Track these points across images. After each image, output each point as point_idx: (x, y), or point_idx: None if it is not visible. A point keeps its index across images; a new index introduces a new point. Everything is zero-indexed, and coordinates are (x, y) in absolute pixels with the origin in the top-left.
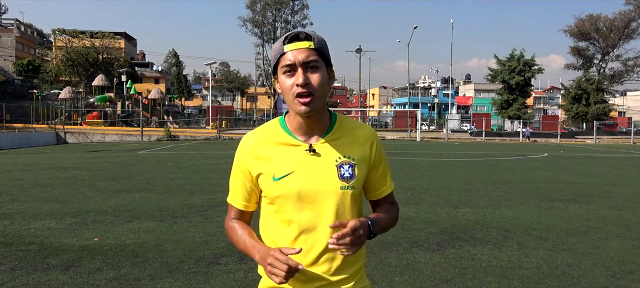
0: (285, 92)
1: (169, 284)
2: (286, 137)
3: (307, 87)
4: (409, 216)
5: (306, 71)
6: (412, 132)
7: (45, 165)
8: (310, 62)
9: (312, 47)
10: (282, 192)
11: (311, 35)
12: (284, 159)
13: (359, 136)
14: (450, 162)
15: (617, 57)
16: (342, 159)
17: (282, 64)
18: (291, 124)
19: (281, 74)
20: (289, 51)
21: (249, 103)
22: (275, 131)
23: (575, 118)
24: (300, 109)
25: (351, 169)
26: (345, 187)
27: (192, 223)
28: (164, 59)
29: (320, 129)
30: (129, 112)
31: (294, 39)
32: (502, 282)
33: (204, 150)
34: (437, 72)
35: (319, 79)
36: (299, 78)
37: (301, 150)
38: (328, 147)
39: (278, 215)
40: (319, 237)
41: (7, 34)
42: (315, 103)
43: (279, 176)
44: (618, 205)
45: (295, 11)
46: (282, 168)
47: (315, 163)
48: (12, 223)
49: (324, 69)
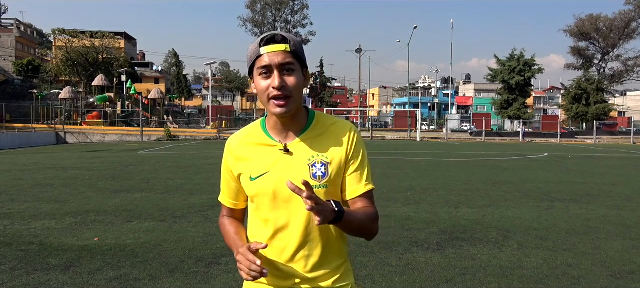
0: (261, 93)
1: (169, 284)
2: (264, 138)
3: (283, 90)
4: (409, 216)
5: (282, 74)
6: (412, 132)
7: (45, 165)
8: (286, 65)
9: (288, 49)
10: (258, 191)
11: (287, 38)
12: (260, 159)
13: (335, 133)
14: (450, 162)
15: (617, 57)
16: (315, 158)
17: (258, 65)
18: (269, 124)
19: (257, 76)
20: (265, 53)
21: (249, 103)
22: (256, 132)
23: (575, 118)
24: (275, 111)
25: (324, 168)
26: (317, 186)
27: (192, 223)
28: (164, 59)
29: (296, 128)
30: (129, 112)
31: (270, 41)
32: (502, 282)
33: (204, 150)
34: (437, 72)
35: (295, 81)
36: (276, 81)
37: (276, 150)
38: (302, 146)
39: (257, 213)
40: (293, 235)
41: (7, 34)
42: (291, 105)
43: (255, 176)
44: (618, 205)
45: (295, 11)
46: (258, 168)
47: (289, 162)
48: (12, 223)
49: (300, 71)
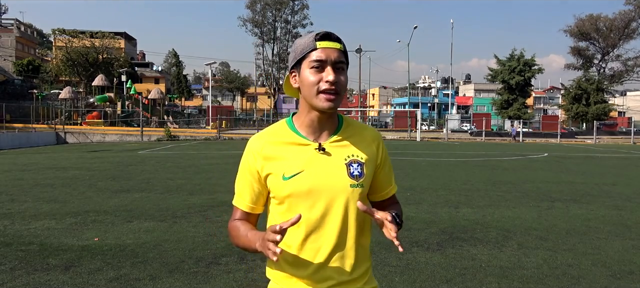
0: (309, 86)
1: (169, 284)
2: (295, 137)
3: (335, 85)
4: (409, 216)
5: (335, 70)
6: (412, 132)
7: (45, 165)
8: (339, 63)
9: (341, 49)
10: (292, 190)
11: (340, 38)
12: (293, 158)
13: (365, 137)
14: (450, 162)
15: (617, 57)
16: (351, 158)
17: (311, 58)
18: (300, 123)
19: (307, 68)
20: (320, 48)
21: (249, 103)
22: (283, 131)
23: (575, 118)
24: (324, 105)
25: (360, 168)
26: (354, 185)
27: (192, 223)
28: (164, 59)
29: (330, 129)
30: (129, 112)
31: (325, 37)
32: (502, 282)
33: (204, 150)
34: (437, 72)
35: (344, 80)
36: (330, 75)
37: (311, 149)
38: (337, 146)
39: (288, 215)
40: (329, 235)
41: (7, 34)
42: (338, 101)
43: (289, 175)
44: (618, 205)
45: (295, 11)
46: (292, 167)
47: (325, 161)
48: (12, 223)
49: (346, 73)
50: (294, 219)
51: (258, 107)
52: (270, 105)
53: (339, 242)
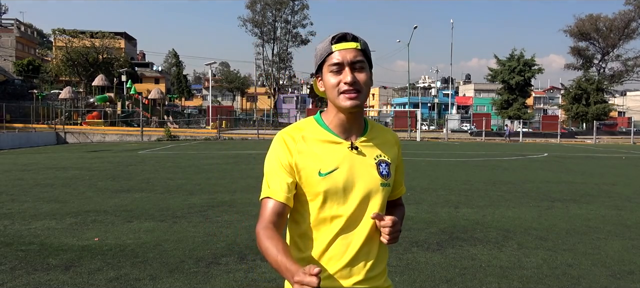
0: (330, 89)
1: (169, 284)
2: (327, 135)
3: (354, 84)
4: (409, 216)
5: (353, 70)
6: (412, 132)
7: (45, 165)
8: (357, 62)
9: (358, 47)
10: (328, 187)
11: (357, 37)
12: (328, 155)
13: (389, 139)
14: (450, 162)
15: (617, 57)
16: (379, 158)
17: (330, 62)
18: (331, 122)
19: (327, 72)
20: (336, 50)
21: (249, 103)
22: (315, 128)
23: (575, 118)
24: (346, 104)
25: (388, 168)
26: (384, 184)
27: (192, 223)
28: (164, 59)
29: (358, 129)
30: (129, 112)
31: (341, 39)
32: (502, 282)
33: (204, 150)
34: (437, 72)
35: (365, 77)
36: (348, 76)
37: (344, 147)
38: (367, 145)
39: (320, 211)
40: (359, 232)
41: (7, 34)
42: (361, 99)
43: (325, 172)
44: (618, 205)
45: (295, 11)
46: (328, 164)
47: (358, 160)
48: (12, 223)
49: (368, 70)
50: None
51: (258, 107)
52: (270, 105)
53: (368, 239)
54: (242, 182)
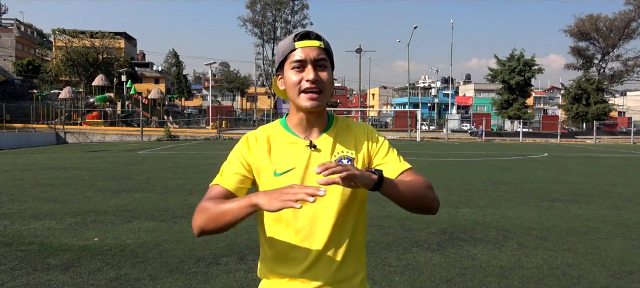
0: (291, 87)
1: (169, 284)
2: (287, 135)
3: (317, 83)
4: (409, 216)
5: (316, 68)
6: (412, 132)
7: (45, 165)
8: (320, 60)
9: (321, 46)
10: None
11: (320, 36)
12: (285, 155)
13: (355, 132)
14: (450, 162)
15: (617, 57)
16: (340, 154)
17: (292, 59)
18: (291, 122)
19: (289, 69)
20: (299, 48)
21: (249, 103)
22: (277, 130)
23: (575, 118)
24: (306, 104)
25: (350, 163)
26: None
27: None
28: (164, 59)
29: (320, 126)
30: (129, 112)
31: (304, 37)
32: (502, 282)
33: (204, 150)
34: (437, 72)
35: (327, 77)
36: (310, 74)
37: (301, 146)
38: (327, 142)
39: (277, 212)
40: (320, 234)
41: (7, 34)
42: (322, 99)
43: (280, 171)
44: (618, 205)
45: (295, 11)
46: (284, 164)
47: (315, 158)
48: (12, 223)
49: (330, 70)
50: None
51: (258, 107)
52: (270, 105)
53: (330, 240)
54: None
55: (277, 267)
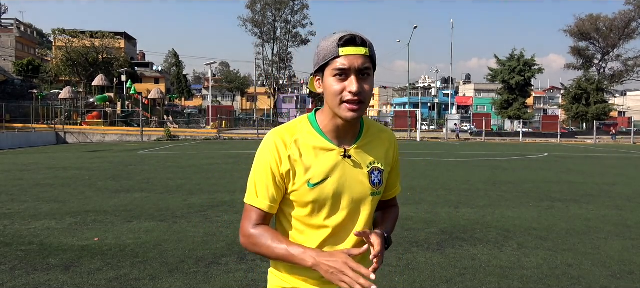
0: (332, 95)
1: (169, 284)
2: (320, 140)
3: (359, 95)
4: (409, 216)
5: (359, 78)
6: (412, 132)
7: (45, 165)
8: (364, 70)
9: (367, 54)
10: (316, 197)
11: (366, 41)
12: (320, 165)
13: (384, 140)
14: (450, 162)
15: (617, 57)
16: (372, 165)
17: (334, 66)
18: (325, 126)
19: (330, 76)
20: (343, 55)
21: (249, 103)
22: (308, 132)
23: (575, 118)
24: (347, 116)
25: (380, 176)
26: (374, 193)
27: (192, 223)
28: (164, 59)
29: (353, 134)
30: (129, 112)
31: (349, 42)
32: (502, 282)
33: (204, 150)
34: (437, 72)
35: (370, 87)
36: (354, 86)
37: (336, 154)
38: (360, 152)
39: (307, 219)
40: (346, 241)
41: (7, 34)
42: (363, 110)
43: (315, 182)
44: (618, 205)
45: (295, 11)
46: (318, 174)
47: (350, 168)
48: (12, 223)
49: (373, 76)
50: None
51: (258, 107)
52: (270, 105)
53: (355, 247)
54: (242, 182)
55: (299, 268)
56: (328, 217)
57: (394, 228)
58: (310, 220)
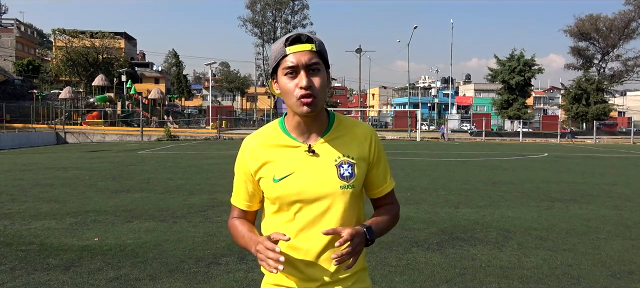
0: (287, 93)
1: (169, 284)
2: (285, 139)
3: (310, 89)
4: (409, 216)
5: (308, 73)
6: (412, 132)
7: (45, 165)
8: (312, 65)
9: (313, 49)
10: (281, 193)
11: (312, 38)
12: (283, 161)
13: (357, 134)
14: (450, 162)
15: (617, 57)
16: (342, 158)
17: (284, 66)
18: (290, 124)
19: (282, 76)
20: (291, 53)
21: (249, 103)
22: (275, 133)
23: (575, 118)
24: (302, 110)
25: (351, 168)
26: (345, 187)
27: (192, 223)
28: (164, 59)
29: (319, 129)
30: (129, 112)
31: (295, 41)
32: (502, 282)
33: (204, 150)
34: (437, 72)
35: (320, 81)
36: (303, 81)
37: (300, 151)
38: (327, 146)
39: (278, 215)
40: (318, 237)
41: (7, 34)
42: (317, 104)
43: (279, 177)
44: (618, 205)
45: (295, 11)
46: (282, 169)
47: (315, 163)
48: (12, 223)
49: (324, 71)
50: (285, 238)
51: (258, 107)
52: (270, 105)
53: (329, 243)
54: None
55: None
56: (297, 212)
57: (388, 225)
58: (280, 216)
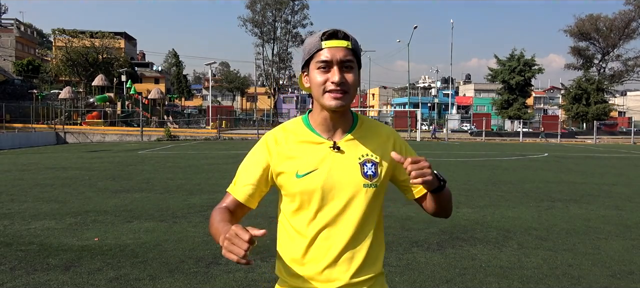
0: (316, 86)
1: (169, 284)
2: (310, 135)
3: (342, 85)
4: (409, 216)
5: (341, 70)
6: (412, 132)
7: (45, 165)
8: (346, 61)
9: (349, 46)
10: (304, 188)
11: (348, 35)
12: (307, 156)
13: (380, 135)
14: (450, 162)
15: (617, 57)
16: (366, 157)
17: (318, 59)
18: (315, 121)
19: (314, 69)
20: (326, 48)
21: (249, 103)
22: (299, 129)
23: (575, 118)
24: (331, 103)
25: (374, 168)
26: (368, 185)
27: (192, 223)
28: (164, 59)
29: (344, 127)
30: (128, 112)
31: (332, 36)
32: (502, 282)
33: (204, 150)
34: (437, 72)
35: (353, 78)
36: (335, 76)
37: (325, 147)
38: (351, 144)
39: (299, 214)
40: (339, 234)
41: (7, 34)
42: (347, 100)
43: (303, 173)
44: (618, 205)
45: (295, 11)
46: (306, 165)
47: (339, 160)
48: (12, 223)
49: (357, 70)
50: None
51: (258, 107)
52: (270, 105)
53: (350, 242)
54: None
55: (296, 265)
56: (319, 209)
57: (449, 193)
58: (300, 214)
